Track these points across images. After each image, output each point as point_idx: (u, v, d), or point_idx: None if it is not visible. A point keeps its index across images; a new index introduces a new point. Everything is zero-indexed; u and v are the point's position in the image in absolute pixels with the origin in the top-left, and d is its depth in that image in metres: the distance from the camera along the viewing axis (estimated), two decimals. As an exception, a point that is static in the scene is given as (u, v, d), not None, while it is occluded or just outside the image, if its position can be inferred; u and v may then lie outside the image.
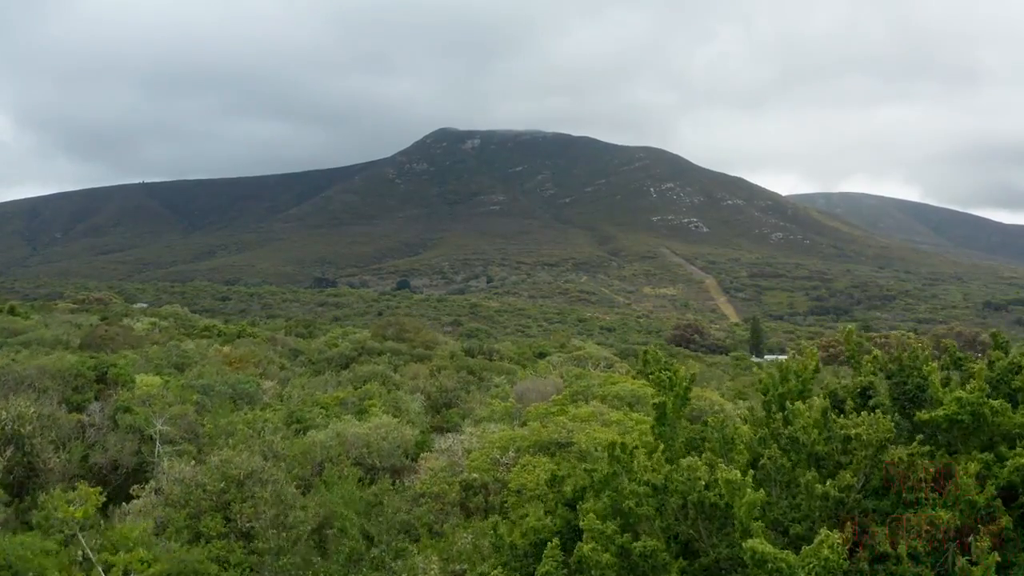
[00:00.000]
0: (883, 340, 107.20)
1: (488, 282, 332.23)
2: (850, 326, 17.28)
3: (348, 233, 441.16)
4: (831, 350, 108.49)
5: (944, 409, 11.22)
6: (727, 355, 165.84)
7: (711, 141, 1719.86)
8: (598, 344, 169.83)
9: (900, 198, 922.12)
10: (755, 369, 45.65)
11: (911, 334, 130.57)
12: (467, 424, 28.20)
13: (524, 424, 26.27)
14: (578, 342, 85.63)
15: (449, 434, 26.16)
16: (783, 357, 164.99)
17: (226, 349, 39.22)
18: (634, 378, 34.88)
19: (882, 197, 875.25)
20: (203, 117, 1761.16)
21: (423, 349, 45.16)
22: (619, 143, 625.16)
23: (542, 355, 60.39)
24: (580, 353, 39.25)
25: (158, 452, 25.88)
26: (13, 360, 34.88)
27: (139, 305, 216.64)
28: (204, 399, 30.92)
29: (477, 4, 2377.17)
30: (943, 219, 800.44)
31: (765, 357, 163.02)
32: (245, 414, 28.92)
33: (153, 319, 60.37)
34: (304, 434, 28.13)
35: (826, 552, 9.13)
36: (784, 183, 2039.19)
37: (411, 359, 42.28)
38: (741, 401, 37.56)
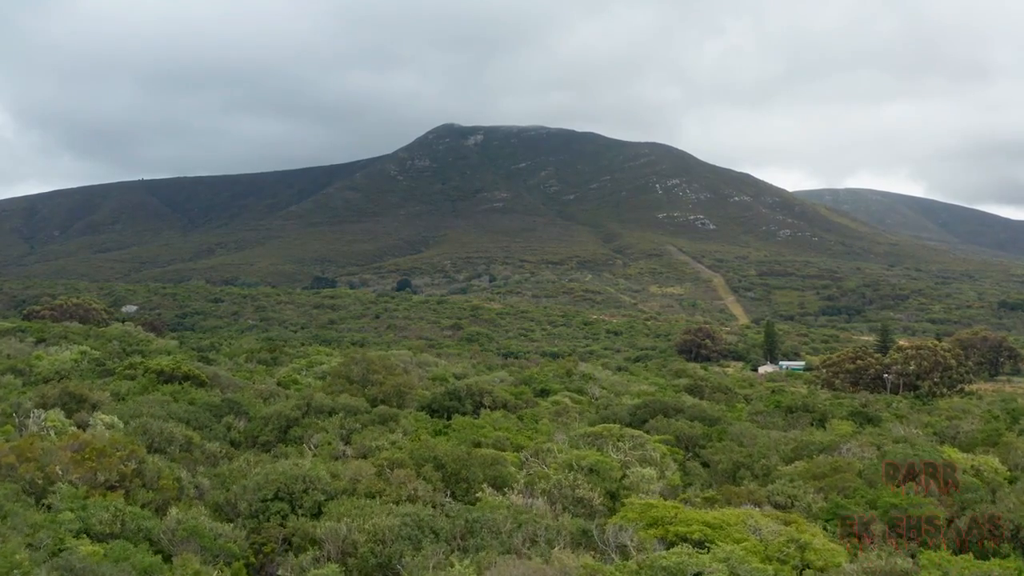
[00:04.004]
0: (915, 351, 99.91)
1: (491, 281, 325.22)
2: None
3: (349, 231, 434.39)
4: (859, 362, 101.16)
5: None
6: (745, 362, 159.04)
7: (717, 137, 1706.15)
8: (606, 350, 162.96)
9: (906, 194, 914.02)
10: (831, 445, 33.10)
11: (936, 341, 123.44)
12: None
13: None
14: (586, 367, 77.98)
15: None
16: (799, 363, 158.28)
17: (97, 425, 29.23)
18: (683, 493, 25.51)
19: (889, 193, 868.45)
20: (204, 114, 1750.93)
21: (389, 407, 37.20)
22: (624, 139, 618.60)
23: (544, 392, 53.33)
24: (599, 428, 30.19)
25: None
26: None
27: (127, 308, 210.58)
28: None
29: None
30: (950, 215, 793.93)
31: (780, 363, 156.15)
32: None
33: (84, 347, 52.62)
34: None
35: None
36: (790, 179, 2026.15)
37: (370, 420, 34.05)
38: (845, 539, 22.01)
